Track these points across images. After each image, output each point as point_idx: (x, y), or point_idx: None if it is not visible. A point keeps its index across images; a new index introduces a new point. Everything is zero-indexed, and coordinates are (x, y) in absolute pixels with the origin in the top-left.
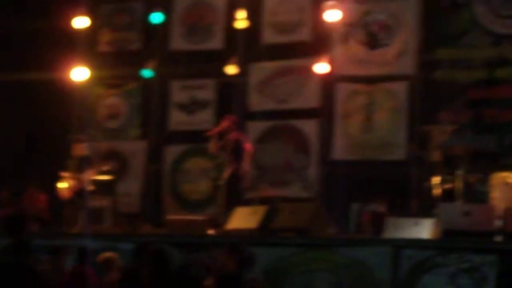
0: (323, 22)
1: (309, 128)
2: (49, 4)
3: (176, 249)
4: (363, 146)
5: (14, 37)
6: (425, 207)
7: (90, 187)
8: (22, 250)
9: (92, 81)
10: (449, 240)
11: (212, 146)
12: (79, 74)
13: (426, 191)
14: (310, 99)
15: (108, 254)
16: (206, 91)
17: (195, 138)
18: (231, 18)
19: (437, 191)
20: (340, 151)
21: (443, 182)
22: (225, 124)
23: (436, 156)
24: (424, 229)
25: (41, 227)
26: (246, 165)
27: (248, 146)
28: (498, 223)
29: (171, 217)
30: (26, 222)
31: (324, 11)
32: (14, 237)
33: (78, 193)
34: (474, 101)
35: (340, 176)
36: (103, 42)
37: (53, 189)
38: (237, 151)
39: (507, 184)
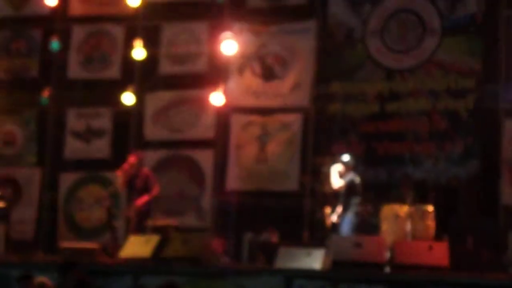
0: (219, 53)
1: (204, 158)
2: None
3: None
4: (257, 177)
5: None
6: (317, 237)
7: None
8: None
9: None
10: (339, 271)
11: (120, 182)
12: None
13: (318, 221)
14: (205, 129)
15: (41, 279)
16: (102, 119)
17: (90, 166)
18: (128, 48)
19: (328, 222)
20: (234, 181)
21: (334, 213)
22: (132, 159)
23: (328, 187)
24: (315, 260)
25: None
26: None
27: (156, 188)
28: (387, 254)
29: (65, 244)
30: None
31: (220, 42)
32: None
33: None
34: (366, 134)
35: (234, 206)
36: (0, 69)
37: None
38: (145, 189)
39: (396, 216)
